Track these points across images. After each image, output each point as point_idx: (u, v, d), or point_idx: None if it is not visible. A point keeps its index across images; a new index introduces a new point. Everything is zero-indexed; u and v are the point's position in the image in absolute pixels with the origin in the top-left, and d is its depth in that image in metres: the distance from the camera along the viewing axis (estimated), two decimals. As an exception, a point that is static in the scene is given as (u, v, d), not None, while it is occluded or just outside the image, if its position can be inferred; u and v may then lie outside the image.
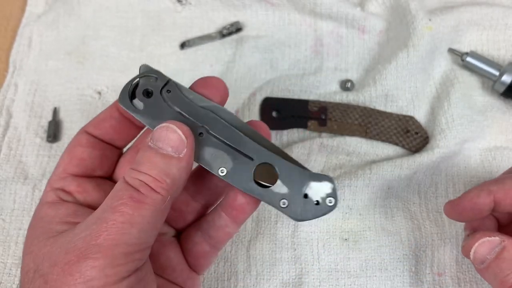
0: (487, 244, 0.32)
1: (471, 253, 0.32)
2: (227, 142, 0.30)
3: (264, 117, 0.44)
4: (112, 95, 0.48)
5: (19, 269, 0.40)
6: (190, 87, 0.32)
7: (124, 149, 0.35)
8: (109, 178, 0.34)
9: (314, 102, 0.41)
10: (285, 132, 0.46)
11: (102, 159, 0.32)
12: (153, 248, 0.29)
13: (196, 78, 0.48)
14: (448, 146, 0.44)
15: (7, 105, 0.47)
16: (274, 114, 0.43)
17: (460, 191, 0.44)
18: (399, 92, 0.47)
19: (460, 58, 0.49)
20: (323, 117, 0.41)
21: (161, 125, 0.28)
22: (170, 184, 0.27)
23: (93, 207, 0.30)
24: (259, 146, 0.30)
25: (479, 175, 0.45)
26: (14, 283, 0.40)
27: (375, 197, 0.43)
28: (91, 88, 0.49)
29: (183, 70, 0.50)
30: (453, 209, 0.35)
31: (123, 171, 0.33)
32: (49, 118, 0.47)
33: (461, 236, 0.41)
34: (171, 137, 0.28)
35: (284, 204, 0.29)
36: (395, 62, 0.47)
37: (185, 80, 0.49)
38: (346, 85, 0.48)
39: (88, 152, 0.31)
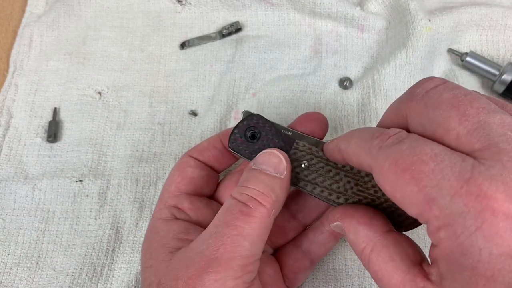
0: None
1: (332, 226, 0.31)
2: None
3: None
4: (112, 95, 0.48)
5: (19, 269, 0.40)
6: (290, 125, 0.35)
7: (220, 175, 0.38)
8: (211, 199, 0.36)
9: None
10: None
11: (208, 179, 0.35)
12: None
13: (196, 78, 0.49)
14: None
15: (8, 105, 0.47)
16: None
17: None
18: (398, 92, 0.47)
19: (459, 58, 0.49)
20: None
21: (263, 151, 0.31)
22: (274, 199, 0.29)
23: (202, 225, 0.32)
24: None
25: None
26: (14, 282, 0.40)
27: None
28: (92, 88, 0.49)
29: (183, 70, 0.50)
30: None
31: (222, 194, 0.36)
32: (50, 118, 0.47)
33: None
34: (273, 160, 0.30)
35: None
36: (393, 62, 0.47)
37: (184, 80, 0.50)
38: (344, 84, 0.48)
39: (197, 172, 0.34)
